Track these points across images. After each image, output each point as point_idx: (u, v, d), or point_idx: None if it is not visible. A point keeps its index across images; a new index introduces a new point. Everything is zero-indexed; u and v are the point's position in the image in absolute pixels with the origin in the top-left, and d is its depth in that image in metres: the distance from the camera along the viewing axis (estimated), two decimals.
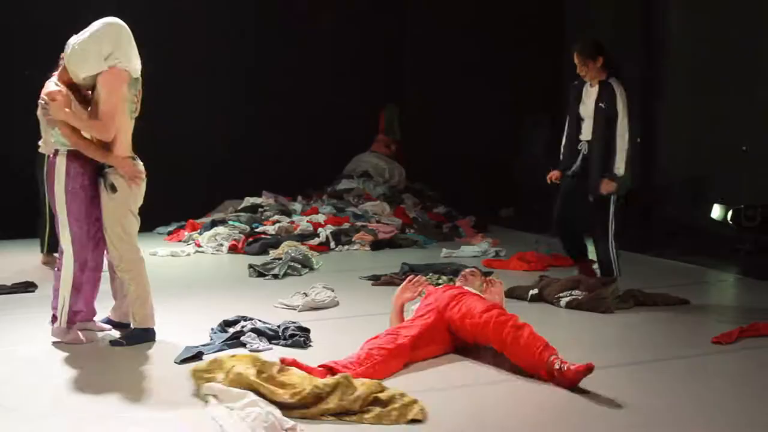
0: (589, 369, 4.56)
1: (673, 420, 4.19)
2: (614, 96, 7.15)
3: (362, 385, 4.36)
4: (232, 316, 6.03)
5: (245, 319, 6.00)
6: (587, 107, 7.33)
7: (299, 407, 4.24)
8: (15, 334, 6.05)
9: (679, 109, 11.81)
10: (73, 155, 5.61)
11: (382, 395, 4.32)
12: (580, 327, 6.23)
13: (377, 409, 4.23)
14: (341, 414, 4.22)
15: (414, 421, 4.16)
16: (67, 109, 5.50)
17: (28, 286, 7.71)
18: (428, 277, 7.54)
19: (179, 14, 12.72)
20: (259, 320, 5.97)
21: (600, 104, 7.20)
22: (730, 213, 9.66)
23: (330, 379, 4.36)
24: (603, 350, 5.47)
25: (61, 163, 5.60)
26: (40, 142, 8.09)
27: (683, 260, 8.97)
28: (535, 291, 7.06)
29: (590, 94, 7.34)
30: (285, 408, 4.19)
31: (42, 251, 8.71)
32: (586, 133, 7.35)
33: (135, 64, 5.68)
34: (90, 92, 5.69)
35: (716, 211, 10.10)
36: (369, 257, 9.78)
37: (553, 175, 7.68)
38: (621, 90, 7.17)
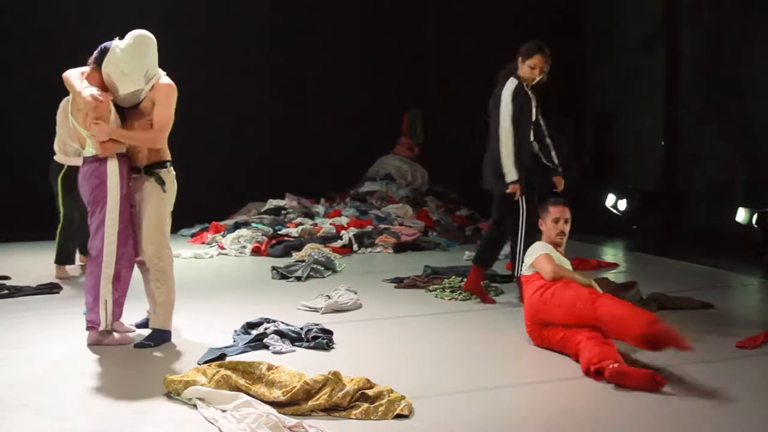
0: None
1: (697, 425, 4.18)
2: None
3: (351, 382, 4.48)
4: (255, 318, 6.06)
5: (268, 321, 6.03)
6: (535, 111, 7.38)
7: (290, 404, 4.34)
8: (39, 335, 6.10)
9: (703, 112, 11.75)
10: (122, 158, 5.70)
11: (371, 391, 4.43)
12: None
13: (365, 405, 4.33)
14: (330, 410, 4.32)
15: (400, 416, 4.24)
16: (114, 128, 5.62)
17: (52, 288, 7.76)
18: (450, 280, 7.58)
19: (206, 17, 12.80)
20: (282, 322, 6.00)
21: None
22: (755, 216, 9.59)
23: (319, 376, 4.47)
24: (624, 354, 5.46)
25: (113, 166, 5.64)
26: (56, 148, 8.03)
27: (707, 264, 8.90)
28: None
29: (532, 98, 7.38)
30: (276, 406, 4.29)
31: (60, 262, 8.34)
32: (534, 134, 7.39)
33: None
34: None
35: (741, 215, 10.03)
36: (392, 260, 9.78)
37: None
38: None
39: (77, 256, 8.59)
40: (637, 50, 12.99)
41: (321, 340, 5.64)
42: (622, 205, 11.99)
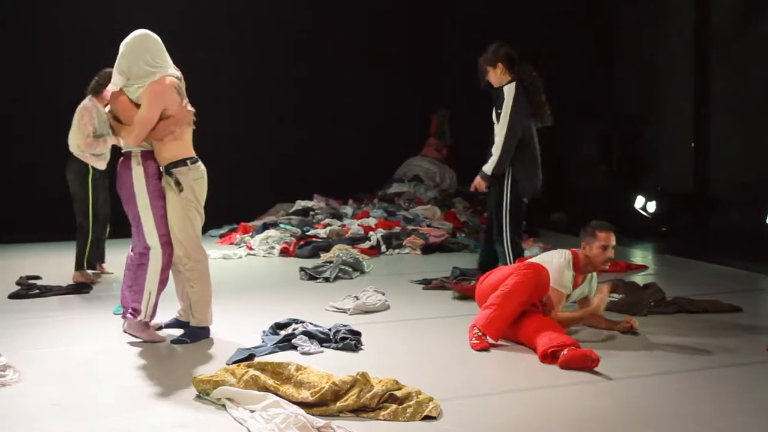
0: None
1: (724, 429, 4.15)
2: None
3: (379, 383, 4.47)
4: (283, 319, 6.08)
5: (296, 321, 6.04)
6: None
7: (319, 405, 4.35)
8: (70, 335, 6.15)
9: (735, 113, 11.66)
10: (146, 155, 5.73)
11: (399, 393, 4.42)
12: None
13: (393, 406, 4.32)
14: (358, 410, 4.32)
15: (428, 417, 4.24)
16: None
17: (83, 288, 7.82)
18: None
19: (233, 22, 12.85)
20: (311, 323, 6.01)
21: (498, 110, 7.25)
22: None
23: (347, 377, 4.47)
24: (651, 357, 5.43)
25: (137, 164, 5.70)
26: (71, 144, 7.91)
27: (738, 266, 8.82)
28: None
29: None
30: (304, 406, 4.29)
31: (80, 268, 8.12)
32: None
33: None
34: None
35: None
36: (420, 261, 9.78)
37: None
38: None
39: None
40: (665, 50, 12.92)
41: (349, 341, 5.64)
42: (652, 207, 11.92)
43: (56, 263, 9.21)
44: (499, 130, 7.14)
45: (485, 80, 7.31)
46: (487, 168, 7.18)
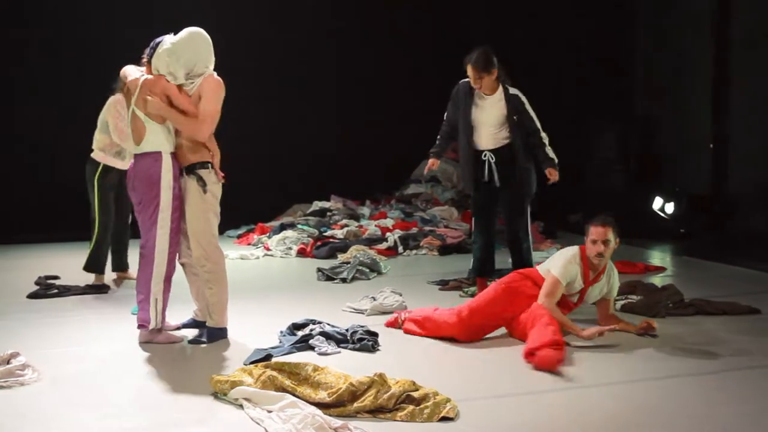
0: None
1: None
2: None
3: (396, 384, 4.48)
4: (301, 320, 6.08)
5: (314, 322, 6.04)
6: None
7: (336, 405, 4.35)
8: (88, 335, 6.17)
9: (754, 114, 11.59)
10: (174, 156, 5.76)
11: (416, 394, 4.42)
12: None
13: (410, 407, 4.32)
14: (375, 411, 4.33)
15: (445, 418, 4.23)
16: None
17: (101, 288, 7.85)
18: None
19: (253, 20, 12.87)
20: (328, 323, 6.01)
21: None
22: None
23: (364, 377, 4.48)
24: (669, 359, 5.41)
25: (167, 164, 5.70)
26: (94, 146, 7.83)
27: (756, 268, 8.76)
28: None
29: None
30: (321, 407, 4.30)
31: (93, 271, 8.01)
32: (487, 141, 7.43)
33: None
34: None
35: None
36: (437, 262, 9.76)
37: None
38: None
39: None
40: (684, 51, 12.86)
41: (366, 342, 5.64)
42: (670, 208, 11.85)
43: (72, 263, 9.24)
44: (534, 125, 7.29)
45: (478, 85, 7.29)
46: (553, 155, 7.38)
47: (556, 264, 5.96)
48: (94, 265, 8.00)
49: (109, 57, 7.39)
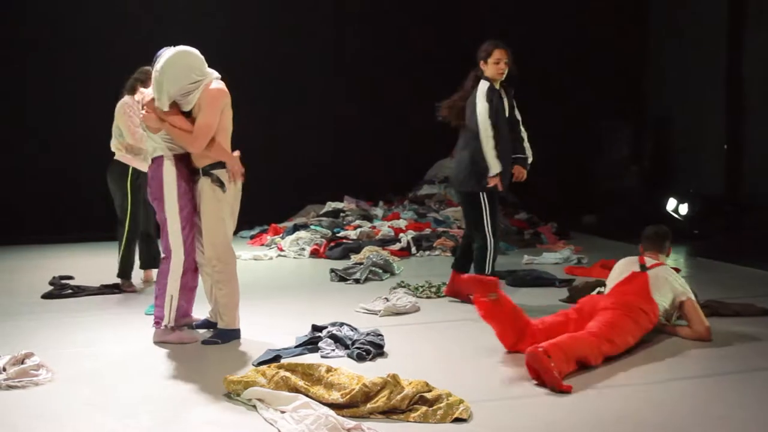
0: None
1: None
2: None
3: (409, 385, 4.48)
4: (325, 323, 6.03)
5: (334, 324, 6.00)
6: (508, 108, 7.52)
7: (349, 406, 4.35)
8: (102, 334, 6.19)
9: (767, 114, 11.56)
10: (179, 159, 5.78)
11: (429, 395, 4.42)
12: (659, 336, 6.09)
13: (423, 408, 4.32)
14: (388, 412, 4.32)
15: (458, 420, 4.23)
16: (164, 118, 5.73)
17: (114, 288, 7.87)
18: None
19: (266, 21, 12.89)
20: (349, 326, 5.96)
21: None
22: None
23: (378, 378, 4.48)
24: (683, 360, 5.39)
25: (169, 167, 5.74)
26: (114, 148, 7.79)
27: None
28: (602, 289, 6.97)
29: (504, 97, 7.52)
30: (335, 407, 4.30)
31: (122, 276, 7.94)
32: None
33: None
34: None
35: None
36: (450, 263, 9.69)
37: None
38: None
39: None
40: (698, 51, 12.83)
41: (361, 353, 5.40)
42: (684, 209, 11.82)
43: (86, 263, 9.28)
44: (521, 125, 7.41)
45: (502, 71, 7.34)
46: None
47: (684, 285, 6.09)
48: (126, 270, 7.92)
49: (122, 55, 7.42)
